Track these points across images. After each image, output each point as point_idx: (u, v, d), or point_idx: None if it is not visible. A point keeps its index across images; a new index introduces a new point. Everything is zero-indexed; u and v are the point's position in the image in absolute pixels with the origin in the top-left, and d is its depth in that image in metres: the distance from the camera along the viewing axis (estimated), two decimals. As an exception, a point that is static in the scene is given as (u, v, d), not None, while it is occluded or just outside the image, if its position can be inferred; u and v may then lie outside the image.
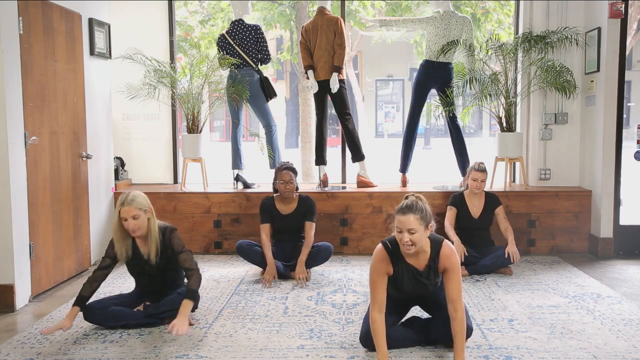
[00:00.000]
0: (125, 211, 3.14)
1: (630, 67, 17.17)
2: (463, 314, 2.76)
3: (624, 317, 3.43)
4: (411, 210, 2.72)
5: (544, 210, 5.06)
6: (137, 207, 3.15)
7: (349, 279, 4.30)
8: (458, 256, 2.89)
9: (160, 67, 5.23)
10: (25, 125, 3.79)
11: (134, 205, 3.15)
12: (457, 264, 2.82)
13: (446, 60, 5.20)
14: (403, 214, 2.72)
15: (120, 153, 5.76)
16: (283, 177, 4.36)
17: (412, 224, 2.71)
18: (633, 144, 4.87)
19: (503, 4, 9.59)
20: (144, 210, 3.19)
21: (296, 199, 4.44)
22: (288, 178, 4.35)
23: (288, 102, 21.56)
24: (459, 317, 2.75)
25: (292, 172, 4.39)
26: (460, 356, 2.73)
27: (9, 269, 3.68)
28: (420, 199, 2.79)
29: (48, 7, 4.09)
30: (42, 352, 3.00)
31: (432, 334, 3.01)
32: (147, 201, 3.24)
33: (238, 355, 2.93)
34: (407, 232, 2.71)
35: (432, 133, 20.40)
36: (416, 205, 2.73)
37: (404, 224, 2.72)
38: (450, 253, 2.84)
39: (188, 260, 3.26)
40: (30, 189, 3.84)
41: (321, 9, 5.28)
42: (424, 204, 2.77)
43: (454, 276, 2.81)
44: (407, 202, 2.77)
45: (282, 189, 4.35)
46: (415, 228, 2.71)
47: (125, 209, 3.14)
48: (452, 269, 2.81)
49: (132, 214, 3.14)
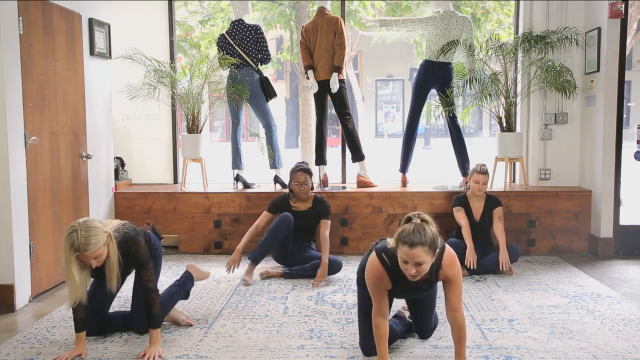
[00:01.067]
0: (85, 257, 2.68)
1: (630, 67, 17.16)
2: (464, 322, 2.68)
3: (624, 317, 3.43)
4: (420, 243, 2.45)
5: (544, 210, 5.06)
6: (95, 249, 2.68)
7: (349, 279, 4.30)
8: (459, 264, 2.75)
9: (160, 67, 5.23)
10: (25, 125, 3.79)
11: (91, 249, 2.66)
12: (458, 273, 2.71)
13: (446, 60, 5.19)
14: (411, 247, 2.46)
15: (120, 153, 5.76)
16: (298, 179, 4.39)
17: (421, 257, 2.47)
18: (633, 144, 4.87)
19: (503, 4, 9.60)
20: (102, 245, 2.72)
21: (311, 198, 4.47)
22: (303, 179, 4.39)
23: (288, 102, 21.56)
24: (459, 325, 2.67)
25: (307, 173, 4.43)
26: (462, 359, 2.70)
27: (9, 269, 3.68)
28: (427, 223, 2.53)
29: (48, 7, 4.09)
30: (42, 352, 3.00)
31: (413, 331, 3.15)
32: (102, 231, 2.73)
33: (238, 355, 2.93)
34: (415, 264, 2.48)
35: (432, 133, 20.40)
36: (424, 236, 2.46)
37: (412, 257, 2.46)
38: (452, 262, 2.69)
39: (151, 279, 2.96)
40: (30, 189, 3.84)
41: (321, 9, 5.28)
42: (430, 228, 2.51)
43: (455, 286, 2.69)
44: (413, 233, 2.48)
45: (297, 191, 4.39)
46: (423, 260, 2.48)
47: (83, 255, 2.67)
48: (453, 278, 2.69)
49: (93, 257, 2.70)
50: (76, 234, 2.65)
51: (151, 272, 2.98)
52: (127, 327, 3.25)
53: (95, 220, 2.77)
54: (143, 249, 2.97)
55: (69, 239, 2.66)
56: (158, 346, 2.94)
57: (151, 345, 2.94)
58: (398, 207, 5.02)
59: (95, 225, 2.72)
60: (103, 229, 2.75)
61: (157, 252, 3.36)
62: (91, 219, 2.77)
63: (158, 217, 5.15)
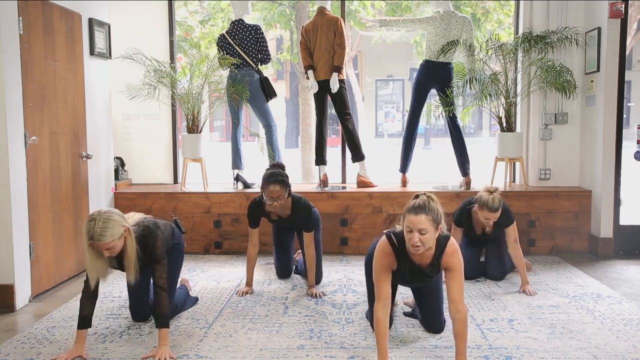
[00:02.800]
0: (98, 247, 2.73)
1: (630, 67, 17.17)
2: (466, 315, 2.72)
3: (624, 317, 3.43)
4: (423, 210, 2.65)
5: (544, 210, 5.06)
6: (109, 241, 2.72)
7: (349, 279, 4.30)
8: (461, 256, 2.84)
9: (160, 67, 5.23)
10: (25, 125, 3.79)
11: (105, 240, 2.70)
12: (460, 263, 2.79)
13: (446, 60, 5.19)
14: (415, 214, 2.65)
15: (120, 153, 5.76)
16: (271, 192, 3.65)
17: (424, 224, 2.63)
18: (633, 144, 4.87)
19: (503, 4, 9.59)
20: (117, 238, 2.75)
21: (289, 204, 3.86)
22: (277, 193, 3.65)
23: (288, 102, 21.56)
24: (462, 318, 2.70)
25: (283, 185, 3.67)
26: (462, 357, 2.71)
27: (9, 269, 3.68)
28: (432, 199, 2.71)
29: (48, 7, 4.09)
30: (42, 352, 3.00)
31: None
32: (119, 225, 2.76)
33: (238, 355, 2.93)
34: (418, 232, 2.64)
35: (432, 133, 20.41)
36: (428, 206, 2.66)
37: (415, 224, 2.64)
38: (454, 251, 2.80)
39: (163, 276, 2.96)
40: (30, 189, 3.84)
41: (321, 9, 5.28)
42: (435, 204, 2.70)
43: (457, 276, 2.77)
44: (419, 201, 2.69)
45: (271, 207, 3.72)
46: (426, 228, 2.63)
47: (97, 244, 2.72)
48: (454, 267, 2.78)
49: (105, 247, 2.74)
50: (94, 223, 2.70)
51: (164, 269, 2.97)
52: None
53: (116, 214, 2.79)
54: (160, 243, 2.98)
55: (87, 226, 2.72)
56: (167, 347, 2.91)
57: (160, 346, 2.91)
58: (398, 207, 5.02)
59: (113, 218, 2.75)
60: (121, 222, 2.77)
61: (180, 246, 3.45)
62: (112, 211, 2.79)
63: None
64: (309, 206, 3.91)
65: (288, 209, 3.86)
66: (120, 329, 3.31)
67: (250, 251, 3.92)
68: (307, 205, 3.91)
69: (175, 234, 3.43)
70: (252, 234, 3.94)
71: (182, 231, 3.54)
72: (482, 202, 3.84)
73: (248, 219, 3.93)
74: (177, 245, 3.43)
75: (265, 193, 3.70)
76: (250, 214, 3.92)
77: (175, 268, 3.42)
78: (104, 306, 3.69)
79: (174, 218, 3.59)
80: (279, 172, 3.77)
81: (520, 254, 3.94)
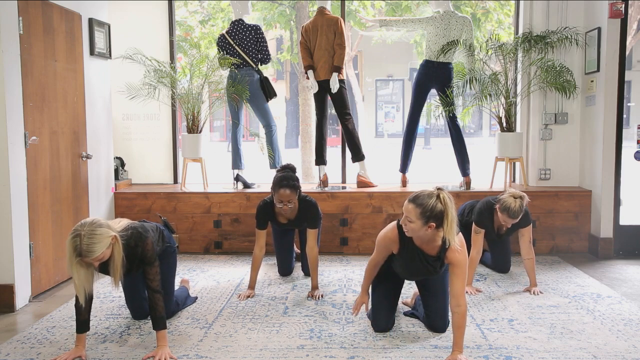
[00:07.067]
0: (88, 262, 2.67)
1: (630, 67, 17.17)
2: (465, 308, 2.80)
3: (624, 317, 3.43)
4: (415, 201, 2.76)
5: (544, 210, 5.06)
6: (99, 254, 2.64)
7: (349, 279, 4.30)
8: (467, 253, 2.91)
9: (160, 67, 5.23)
10: (25, 125, 3.79)
11: (95, 255, 2.62)
12: (464, 260, 2.86)
13: (446, 60, 5.19)
14: (408, 201, 2.79)
15: (120, 153, 5.76)
16: (282, 196, 3.70)
17: (409, 214, 2.77)
18: (633, 144, 4.87)
19: (503, 4, 9.59)
20: (106, 248, 2.67)
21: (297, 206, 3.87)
22: (288, 197, 3.70)
23: (288, 102, 21.57)
24: (461, 311, 2.78)
25: (293, 189, 3.71)
26: (459, 349, 2.77)
27: (9, 269, 3.68)
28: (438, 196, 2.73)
29: (48, 7, 4.09)
30: (42, 352, 3.00)
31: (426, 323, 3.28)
32: (106, 235, 2.66)
33: (238, 355, 2.93)
34: (405, 218, 2.79)
35: (432, 133, 20.42)
36: (422, 199, 2.74)
37: (404, 210, 2.80)
38: (459, 248, 2.85)
39: (155, 278, 2.90)
40: (30, 189, 3.84)
41: (321, 9, 5.28)
42: (434, 202, 2.72)
43: (460, 271, 2.85)
44: (419, 193, 2.79)
45: (281, 210, 3.78)
46: (411, 218, 2.76)
47: (86, 260, 2.65)
48: (458, 264, 2.85)
49: (96, 260, 2.67)
50: (79, 239, 2.60)
51: (156, 272, 2.92)
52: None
53: (102, 224, 2.69)
54: (149, 246, 2.92)
55: (72, 243, 2.62)
56: (166, 347, 2.91)
57: (160, 347, 2.91)
58: (398, 207, 5.02)
59: (99, 232, 2.64)
60: (107, 233, 2.67)
61: (171, 248, 3.40)
62: (98, 222, 2.68)
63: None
64: (315, 203, 3.95)
65: (296, 210, 3.89)
66: (120, 329, 3.31)
67: (256, 254, 3.85)
68: (313, 202, 3.94)
69: (165, 235, 3.35)
70: (259, 236, 3.88)
71: (172, 231, 3.50)
72: (504, 206, 3.72)
73: (256, 219, 3.91)
74: (168, 247, 3.35)
75: (275, 196, 3.75)
76: (259, 215, 3.91)
77: (169, 269, 3.38)
78: (104, 306, 3.70)
79: (163, 218, 3.55)
80: (290, 175, 3.79)
81: (533, 256, 3.89)
